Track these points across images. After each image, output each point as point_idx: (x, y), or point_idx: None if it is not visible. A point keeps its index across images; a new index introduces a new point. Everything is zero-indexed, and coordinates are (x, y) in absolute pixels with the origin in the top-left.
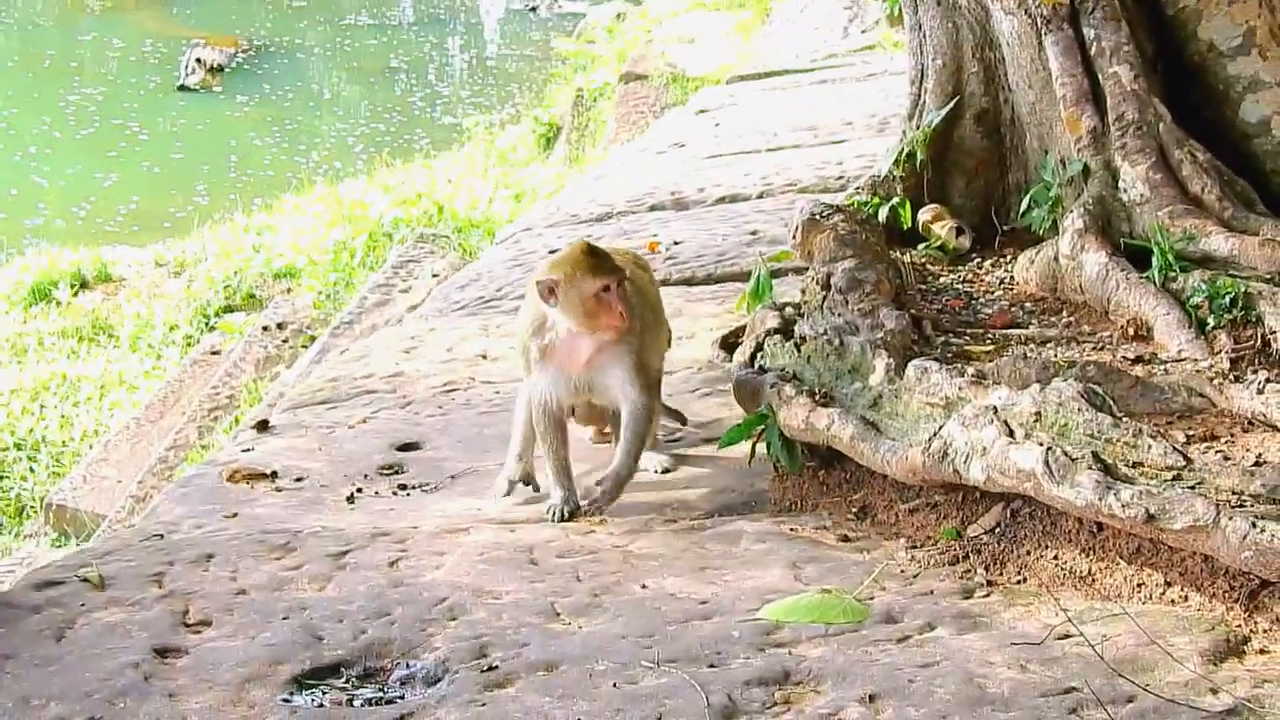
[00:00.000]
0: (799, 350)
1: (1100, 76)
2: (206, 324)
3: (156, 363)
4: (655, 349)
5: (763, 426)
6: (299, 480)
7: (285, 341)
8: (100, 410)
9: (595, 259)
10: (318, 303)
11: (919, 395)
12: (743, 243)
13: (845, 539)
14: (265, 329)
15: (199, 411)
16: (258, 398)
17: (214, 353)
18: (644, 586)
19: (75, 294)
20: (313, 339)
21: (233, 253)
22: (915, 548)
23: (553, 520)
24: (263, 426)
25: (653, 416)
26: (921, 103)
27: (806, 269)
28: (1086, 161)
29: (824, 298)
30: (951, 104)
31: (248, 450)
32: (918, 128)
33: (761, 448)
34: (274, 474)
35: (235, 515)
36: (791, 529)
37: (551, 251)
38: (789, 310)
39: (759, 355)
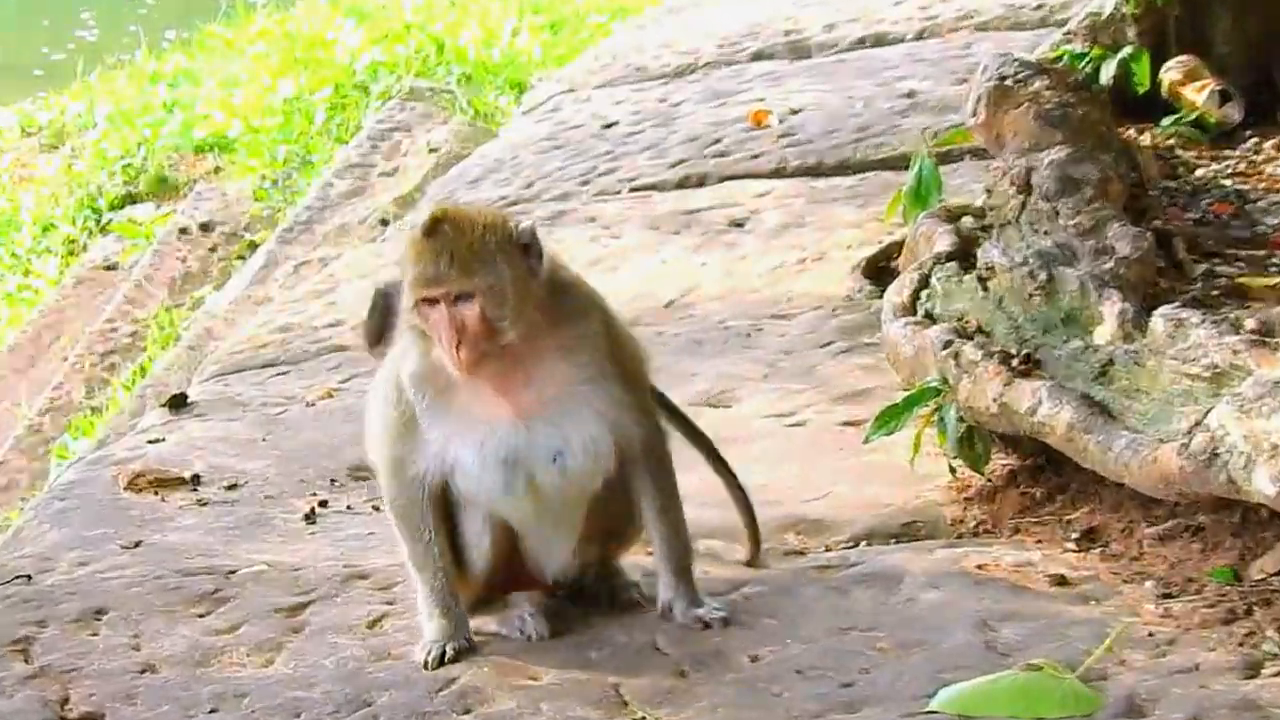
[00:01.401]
0: (985, 287)
1: None
2: (97, 223)
3: (24, 280)
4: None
5: (932, 406)
6: (232, 488)
7: (213, 250)
8: None
9: (425, 252)
10: (260, 192)
11: (1171, 361)
12: (894, 110)
13: (1062, 581)
14: (183, 231)
15: (87, 356)
16: (173, 336)
17: (108, 267)
18: (754, 659)
19: None
20: (253, 246)
21: (135, 115)
22: (1169, 596)
23: (429, 666)
24: (178, 403)
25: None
26: None
27: (993, 158)
28: None
29: (1022, 205)
30: None
31: (156, 441)
32: None
33: (930, 437)
34: (195, 479)
35: (138, 544)
36: (979, 566)
37: (607, 126)
38: (968, 222)
39: (923, 294)
